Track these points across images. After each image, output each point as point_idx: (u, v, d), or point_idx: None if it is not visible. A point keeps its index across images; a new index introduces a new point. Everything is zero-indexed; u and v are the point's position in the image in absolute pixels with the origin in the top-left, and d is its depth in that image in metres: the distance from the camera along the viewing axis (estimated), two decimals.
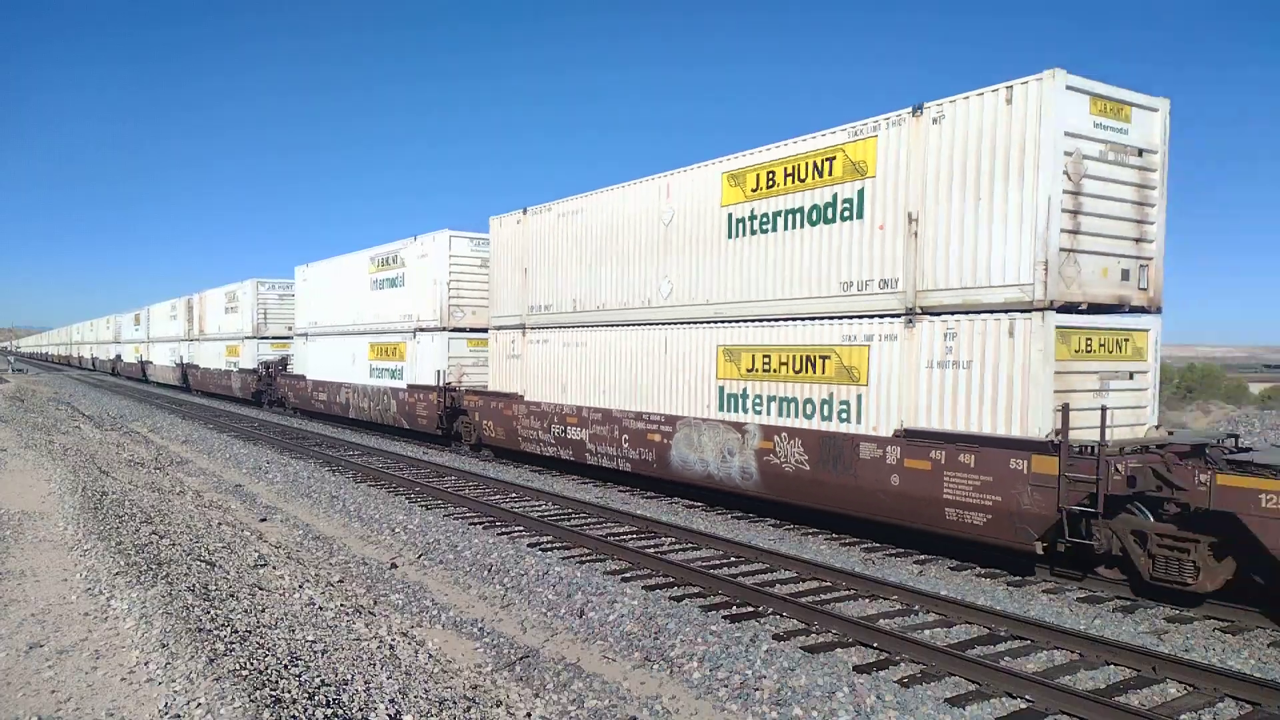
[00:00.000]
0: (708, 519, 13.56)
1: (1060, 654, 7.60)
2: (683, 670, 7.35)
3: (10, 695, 5.79)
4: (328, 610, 8.41)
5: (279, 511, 14.67)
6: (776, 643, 7.74)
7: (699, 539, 11.75)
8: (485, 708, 6.48)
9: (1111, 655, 7.39)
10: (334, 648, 7.09)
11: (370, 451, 21.80)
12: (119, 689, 5.85)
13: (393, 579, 10.32)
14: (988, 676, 6.89)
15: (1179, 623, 8.58)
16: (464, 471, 17.90)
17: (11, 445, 19.40)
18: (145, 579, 8.35)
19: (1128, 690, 6.84)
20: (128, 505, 12.73)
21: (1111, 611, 8.92)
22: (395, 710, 5.85)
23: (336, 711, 5.60)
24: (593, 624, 8.51)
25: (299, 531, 13.08)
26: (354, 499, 15.13)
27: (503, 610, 9.25)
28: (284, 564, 10.39)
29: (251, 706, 5.31)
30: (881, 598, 9.19)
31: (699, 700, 6.87)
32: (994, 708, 6.52)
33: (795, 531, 12.64)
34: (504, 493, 15.72)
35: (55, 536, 10.44)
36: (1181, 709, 6.49)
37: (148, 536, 10.56)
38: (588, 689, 7.02)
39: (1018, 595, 9.47)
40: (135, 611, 7.35)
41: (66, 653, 6.55)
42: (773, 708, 6.56)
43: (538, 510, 14.05)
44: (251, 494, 16.33)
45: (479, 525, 12.93)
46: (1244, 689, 6.67)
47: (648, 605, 8.76)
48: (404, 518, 13.44)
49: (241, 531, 12.29)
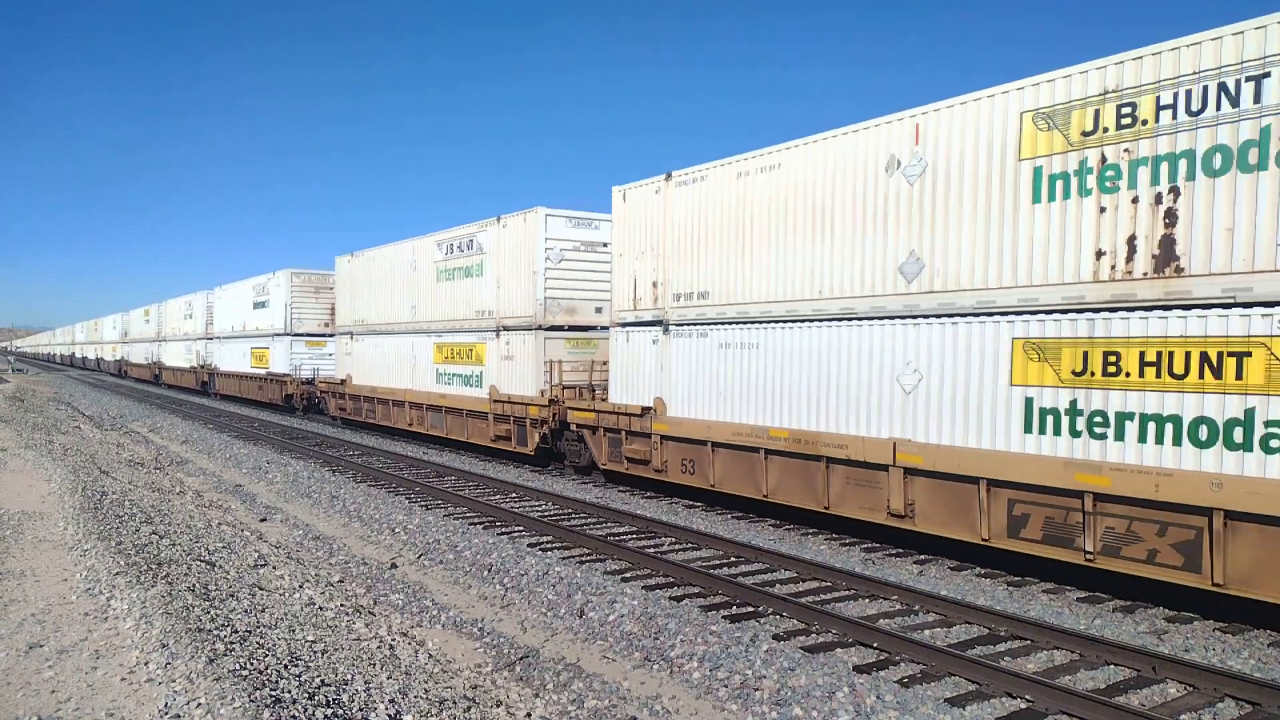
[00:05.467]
0: (708, 519, 13.56)
1: (1060, 654, 7.60)
2: (683, 670, 7.35)
3: (10, 695, 5.79)
4: (328, 610, 8.41)
5: (279, 511, 14.67)
6: (776, 643, 7.73)
7: (699, 539, 11.74)
8: (485, 708, 6.48)
9: (1111, 655, 7.38)
10: (334, 648, 7.09)
11: (370, 451, 21.78)
12: (119, 689, 5.85)
13: (393, 579, 10.32)
14: (988, 676, 6.89)
15: (1179, 623, 8.58)
16: (464, 471, 17.90)
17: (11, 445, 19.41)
18: (145, 579, 8.35)
19: (1128, 690, 6.84)
20: (128, 505, 12.74)
21: (1111, 611, 8.91)
22: (395, 710, 5.85)
23: (336, 711, 5.60)
24: (593, 624, 8.51)
25: (299, 531, 13.08)
26: (354, 499, 15.13)
27: (503, 610, 9.25)
28: (284, 564, 10.39)
29: (251, 706, 5.31)
30: (881, 598, 9.19)
31: (699, 700, 6.87)
32: (994, 708, 6.51)
33: (795, 531, 12.64)
34: (504, 493, 15.72)
35: (55, 536, 10.44)
36: (1181, 709, 6.48)
37: (148, 536, 10.56)
38: (588, 689, 7.02)
39: (1018, 595, 9.47)
40: (135, 611, 7.35)
41: (66, 653, 6.55)
42: (773, 708, 6.56)
43: (538, 510, 14.05)
44: (251, 494, 16.34)
45: (479, 525, 12.93)
46: (1244, 689, 6.66)
47: (648, 605, 8.76)
48: (404, 518, 13.44)
49: (241, 531, 12.29)
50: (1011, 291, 9.80)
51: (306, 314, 33.06)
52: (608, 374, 16.59)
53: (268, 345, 34.43)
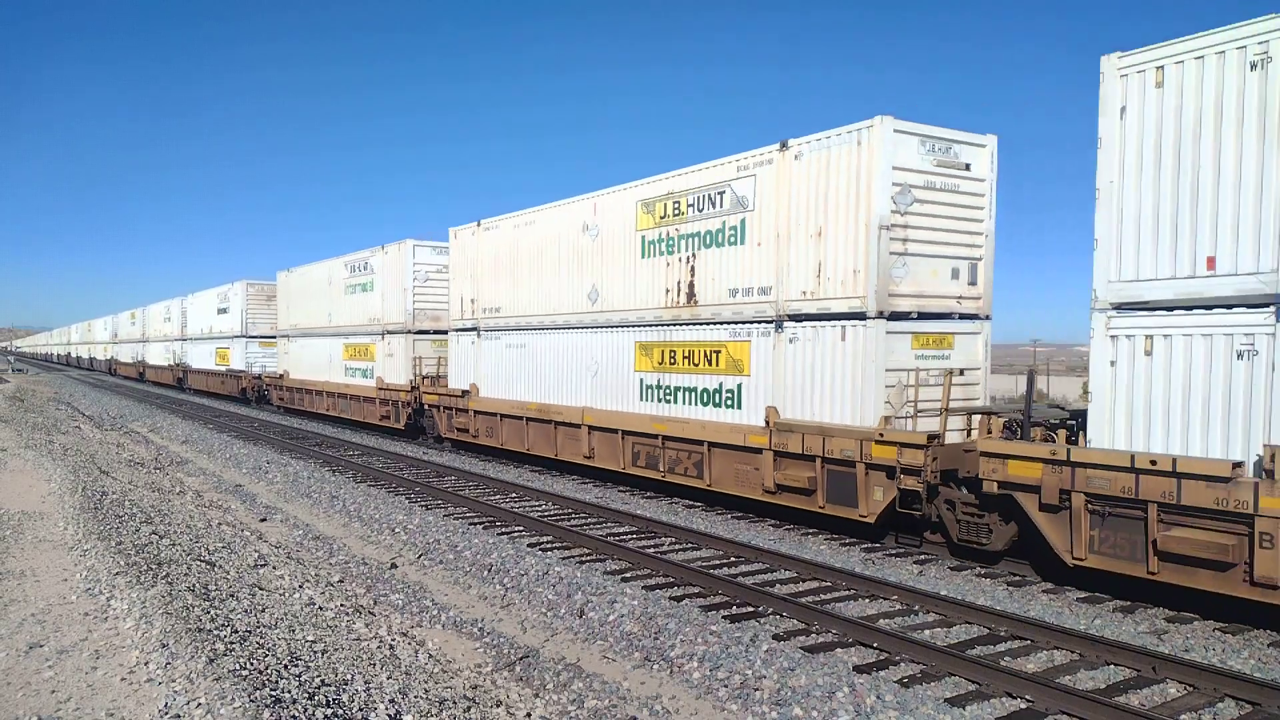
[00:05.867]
0: (707, 519, 13.56)
1: (1060, 654, 7.60)
2: (683, 670, 7.35)
3: (10, 695, 5.79)
4: (328, 610, 8.41)
5: (279, 511, 14.67)
6: (776, 643, 7.73)
7: (699, 539, 11.74)
8: (485, 708, 6.48)
9: (1111, 655, 7.38)
10: (334, 648, 7.09)
11: (370, 451, 21.79)
12: (119, 689, 5.85)
13: (393, 579, 10.32)
14: (988, 676, 6.88)
15: (1179, 623, 8.58)
16: (464, 471, 17.90)
17: (12, 445, 19.41)
18: (145, 579, 8.35)
19: (1128, 690, 6.84)
20: (128, 505, 12.74)
21: (1111, 612, 8.91)
22: (395, 710, 5.85)
23: (336, 711, 5.60)
24: (593, 624, 8.51)
25: (299, 531, 13.08)
26: (354, 499, 15.13)
27: (503, 610, 9.25)
28: (284, 564, 10.39)
29: (251, 706, 5.31)
30: (881, 598, 9.19)
31: (699, 700, 6.87)
32: (994, 708, 6.51)
33: (795, 531, 12.64)
34: (504, 493, 15.72)
35: (55, 536, 10.44)
36: (1181, 709, 6.48)
37: (148, 536, 10.57)
38: (588, 689, 7.02)
39: (1018, 595, 9.47)
40: (135, 611, 7.35)
41: (66, 653, 6.55)
42: (773, 708, 6.56)
43: (538, 510, 14.05)
44: (251, 494, 16.34)
45: (479, 525, 12.93)
46: (1244, 689, 6.66)
47: (648, 605, 8.76)
48: (404, 518, 13.44)
49: (241, 531, 12.29)
50: (633, 311, 15.57)
51: (259, 319, 37.73)
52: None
53: (229, 346, 39.67)
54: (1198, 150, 8.46)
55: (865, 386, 11.52)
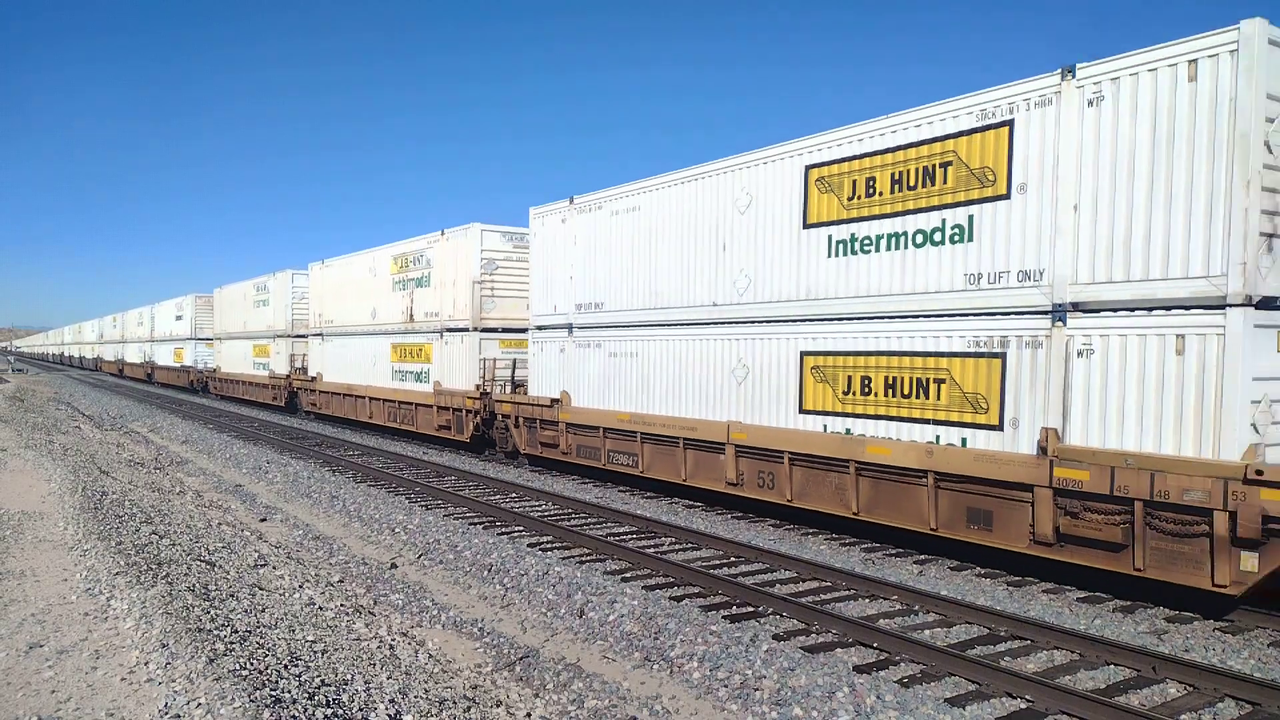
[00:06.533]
0: (707, 519, 13.56)
1: (1060, 654, 7.60)
2: (683, 670, 7.35)
3: (10, 695, 5.79)
4: (328, 610, 8.41)
5: (279, 511, 14.67)
6: (776, 643, 7.74)
7: (699, 539, 11.75)
8: (485, 708, 6.48)
9: (1111, 655, 7.39)
10: (334, 648, 7.09)
11: (370, 451, 21.79)
12: (119, 689, 5.85)
13: (393, 579, 10.32)
14: (988, 676, 6.89)
15: (1179, 623, 8.58)
16: (464, 471, 17.90)
17: (12, 445, 19.41)
18: (145, 579, 8.35)
19: (1128, 690, 6.84)
20: (128, 505, 12.74)
21: (1111, 612, 8.92)
22: (395, 710, 5.85)
23: (336, 711, 5.60)
24: (593, 624, 8.51)
25: (299, 531, 13.08)
26: (354, 499, 15.13)
27: (503, 610, 9.25)
28: (284, 564, 10.40)
29: (251, 706, 5.31)
30: (881, 598, 9.19)
31: (699, 700, 6.87)
32: (994, 708, 6.51)
33: (795, 531, 12.65)
34: (504, 493, 15.72)
35: (55, 536, 10.44)
36: (1181, 709, 6.48)
37: (148, 536, 10.57)
38: (588, 689, 7.02)
39: (1018, 595, 9.47)
40: (135, 611, 7.35)
41: (66, 653, 6.55)
42: (773, 708, 6.56)
43: (538, 510, 14.05)
44: (251, 494, 16.34)
45: (479, 525, 12.93)
46: (1244, 689, 6.66)
47: (648, 605, 8.76)
48: (404, 518, 13.44)
49: (241, 531, 12.29)
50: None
51: (204, 324, 45.20)
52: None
53: (183, 346, 47.89)
54: None
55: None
